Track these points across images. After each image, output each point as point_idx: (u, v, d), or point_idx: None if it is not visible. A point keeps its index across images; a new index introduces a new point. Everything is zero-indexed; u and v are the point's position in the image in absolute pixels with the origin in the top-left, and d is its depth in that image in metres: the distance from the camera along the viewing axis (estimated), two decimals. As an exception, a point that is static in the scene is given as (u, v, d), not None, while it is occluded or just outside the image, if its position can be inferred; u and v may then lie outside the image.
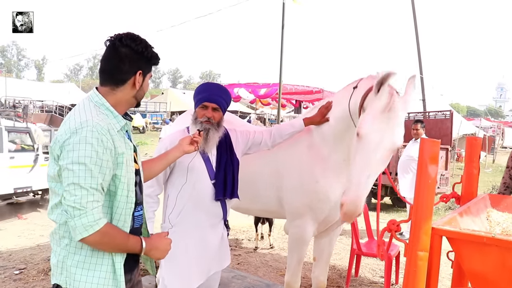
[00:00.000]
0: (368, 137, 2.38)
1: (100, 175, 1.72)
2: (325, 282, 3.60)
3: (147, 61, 1.97)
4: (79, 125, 1.75)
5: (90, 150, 1.71)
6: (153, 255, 1.98)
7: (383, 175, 9.17)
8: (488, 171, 19.47)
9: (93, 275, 1.79)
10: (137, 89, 1.96)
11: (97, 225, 1.69)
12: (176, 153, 2.51)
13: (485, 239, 1.86)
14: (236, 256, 5.93)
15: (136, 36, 1.96)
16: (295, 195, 3.18)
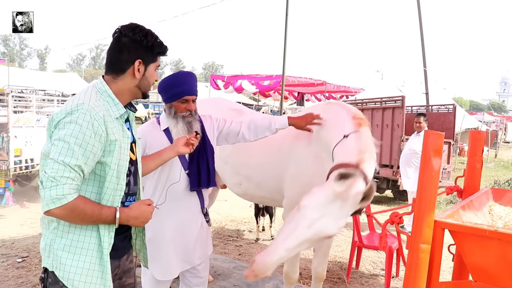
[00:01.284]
0: (307, 213, 2.25)
1: (82, 157, 1.74)
2: (323, 274, 3.62)
3: (147, 50, 1.98)
4: (75, 107, 1.79)
5: (77, 131, 1.74)
6: (132, 224, 1.98)
7: (385, 168, 9.12)
8: (490, 165, 19.43)
9: (79, 259, 1.82)
10: (138, 78, 1.98)
11: (65, 199, 1.70)
12: (170, 154, 2.53)
13: (487, 232, 1.86)
14: (237, 247, 5.96)
15: (136, 25, 1.99)
16: (292, 186, 3.23)
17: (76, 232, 1.84)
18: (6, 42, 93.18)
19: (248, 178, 3.57)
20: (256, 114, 3.88)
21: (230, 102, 4.19)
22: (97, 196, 1.88)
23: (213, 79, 18.40)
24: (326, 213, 2.23)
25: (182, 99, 2.71)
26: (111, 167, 1.86)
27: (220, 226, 6.97)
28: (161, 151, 2.51)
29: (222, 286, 4.35)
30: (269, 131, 3.01)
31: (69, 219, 1.79)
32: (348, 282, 4.80)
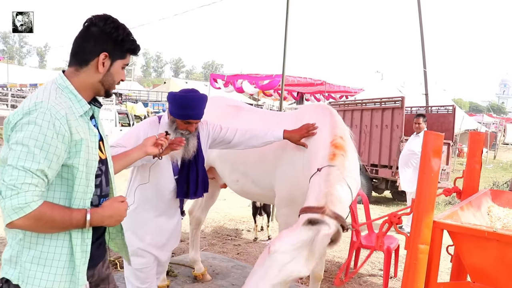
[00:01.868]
0: (277, 257, 2.33)
1: (45, 161, 1.59)
2: (321, 273, 3.62)
3: (115, 44, 1.82)
4: (33, 106, 1.63)
5: (37, 133, 1.58)
6: (107, 224, 1.84)
7: (384, 168, 9.13)
8: (489, 167, 19.46)
9: (50, 271, 1.69)
10: (102, 73, 1.82)
11: (28, 207, 1.54)
12: (138, 154, 2.40)
13: (486, 233, 1.86)
14: (235, 246, 5.96)
15: (109, 17, 1.85)
16: (282, 184, 3.29)
17: (45, 242, 1.69)
18: (6, 40, 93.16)
19: (245, 174, 3.61)
20: (255, 111, 3.90)
21: (230, 100, 4.21)
22: (66, 202, 1.73)
23: (213, 78, 18.40)
24: (296, 256, 2.32)
25: (186, 121, 2.78)
26: (79, 169, 1.71)
27: (219, 225, 6.97)
28: (129, 151, 2.42)
29: (220, 285, 4.34)
30: (263, 143, 3.12)
31: (37, 229, 1.63)
32: (346, 282, 4.80)
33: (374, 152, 9.78)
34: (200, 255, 4.61)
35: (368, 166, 9.92)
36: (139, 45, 1.93)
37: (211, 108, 3.91)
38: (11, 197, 1.53)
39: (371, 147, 9.79)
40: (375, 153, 9.75)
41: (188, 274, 4.50)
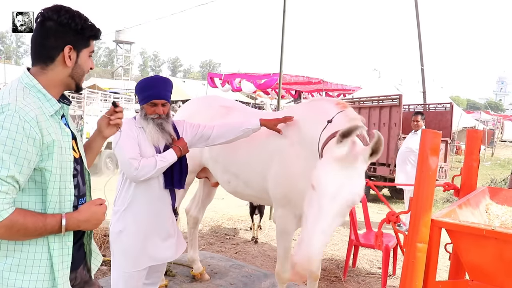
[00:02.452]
0: (323, 188, 2.17)
1: (15, 166, 1.51)
2: (317, 273, 3.61)
3: (76, 34, 1.73)
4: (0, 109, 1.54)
5: (5, 137, 1.50)
6: (84, 228, 1.77)
7: (382, 166, 9.15)
8: (487, 164, 19.49)
9: (30, 278, 1.63)
10: (71, 66, 1.74)
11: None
12: (99, 142, 2.16)
13: (484, 231, 1.86)
14: (234, 246, 5.95)
15: (61, 6, 1.73)
16: (275, 186, 3.22)
17: (23, 249, 1.62)
18: (3, 40, 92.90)
19: (236, 176, 3.57)
20: (246, 111, 3.84)
21: (223, 100, 4.14)
22: (42, 206, 1.66)
23: (210, 77, 18.37)
24: (342, 181, 2.15)
25: (151, 103, 2.78)
26: (52, 172, 1.63)
27: (217, 225, 6.96)
28: (88, 143, 2.19)
29: (219, 285, 4.34)
30: (241, 131, 3.10)
31: (9, 237, 1.57)
32: (344, 281, 4.80)
33: (372, 150, 9.77)
34: (199, 255, 4.60)
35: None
36: (99, 28, 1.84)
37: (202, 108, 3.91)
38: None
39: (369, 145, 9.78)
40: (373, 151, 9.74)
41: (186, 274, 4.50)
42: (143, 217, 2.84)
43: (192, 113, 3.87)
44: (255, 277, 4.57)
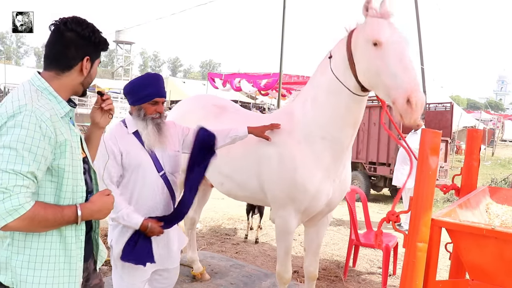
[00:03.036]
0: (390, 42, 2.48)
1: (34, 163, 1.61)
2: (315, 273, 3.58)
3: (95, 47, 1.88)
4: (17, 109, 1.64)
5: (24, 136, 1.60)
6: (97, 217, 1.90)
7: (382, 166, 9.12)
8: (487, 164, 19.50)
9: (41, 274, 1.71)
10: (85, 75, 1.88)
11: (22, 209, 1.57)
12: (96, 133, 2.22)
13: (484, 231, 1.86)
14: (234, 246, 5.95)
15: (83, 20, 1.87)
16: (275, 185, 3.14)
17: (33, 246, 1.71)
18: (3, 40, 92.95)
19: (229, 177, 3.49)
20: (239, 112, 3.76)
21: (217, 99, 4.07)
22: (56, 201, 1.76)
23: (211, 77, 18.38)
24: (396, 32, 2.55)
25: (153, 101, 2.68)
26: (65, 169, 1.74)
27: (217, 225, 6.96)
28: (87, 136, 2.20)
29: (219, 285, 4.34)
30: (229, 138, 3.07)
31: (31, 229, 1.66)
32: (345, 280, 4.80)
33: (372, 150, 9.79)
34: (199, 254, 4.61)
35: (366, 164, 9.93)
36: (108, 42, 1.99)
37: (196, 107, 3.87)
38: (3, 200, 1.55)
39: (369, 145, 9.80)
40: (373, 151, 9.77)
41: (186, 274, 4.49)
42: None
43: (185, 112, 3.83)
44: (256, 277, 4.57)
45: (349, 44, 2.77)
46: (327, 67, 2.96)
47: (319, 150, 3.00)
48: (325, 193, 3.10)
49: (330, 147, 2.99)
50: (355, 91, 2.84)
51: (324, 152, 3.00)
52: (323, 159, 3.01)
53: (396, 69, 2.43)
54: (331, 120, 2.95)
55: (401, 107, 2.37)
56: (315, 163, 3.01)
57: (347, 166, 3.25)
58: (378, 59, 2.51)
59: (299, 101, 3.18)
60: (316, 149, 3.00)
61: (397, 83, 2.41)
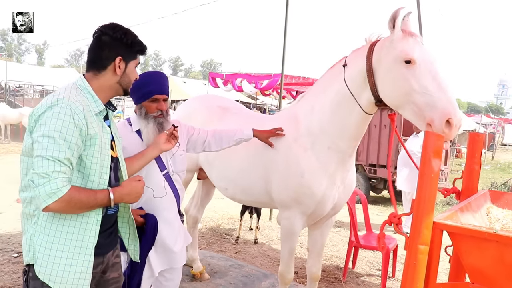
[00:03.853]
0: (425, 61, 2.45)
1: (68, 150, 1.78)
2: (318, 274, 3.60)
3: (127, 47, 2.04)
4: (55, 101, 1.82)
5: (60, 126, 1.77)
6: (127, 201, 2.07)
7: (382, 168, 9.11)
8: (487, 167, 19.49)
9: (61, 255, 1.85)
10: (119, 75, 2.04)
11: (60, 192, 1.73)
12: (153, 152, 2.57)
13: (486, 234, 1.86)
14: (234, 245, 5.96)
15: (116, 25, 2.06)
16: (282, 188, 3.15)
17: (53, 227, 1.86)
18: (4, 37, 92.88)
19: (234, 182, 3.48)
20: (242, 113, 3.76)
21: (221, 99, 4.08)
22: None
23: (212, 77, 18.36)
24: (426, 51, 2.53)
25: (152, 99, 2.66)
26: (92, 161, 1.90)
27: (217, 224, 6.97)
28: (144, 150, 2.53)
29: (218, 284, 4.34)
30: (234, 141, 3.09)
31: (68, 210, 1.82)
32: (344, 282, 4.81)
33: (372, 152, 9.80)
34: (199, 254, 4.61)
35: (366, 166, 9.94)
36: (146, 45, 2.14)
37: (200, 107, 3.88)
38: (44, 185, 1.72)
39: (369, 147, 9.81)
40: (374, 153, 9.77)
41: (186, 273, 4.50)
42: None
43: (190, 112, 3.84)
44: (255, 277, 4.58)
45: (370, 57, 2.70)
46: (339, 75, 2.91)
47: (325, 158, 3.02)
48: (331, 198, 3.12)
49: (335, 156, 3.01)
50: (367, 108, 2.82)
51: (329, 160, 3.02)
52: (329, 167, 3.03)
53: (432, 88, 2.38)
54: (339, 133, 2.95)
55: (439, 128, 2.35)
56: (321, 170, 3.02)
57: (352, 170, 3.26)
58: (411, 78, 2.45)
59: (305, 106, 3.16)
60: (321, 157, 3.02)
61: (434, 103, 2.37)
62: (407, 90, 2.47)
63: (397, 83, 2.52)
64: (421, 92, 2.41)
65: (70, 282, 1.86)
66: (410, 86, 2.45)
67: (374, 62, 2.68)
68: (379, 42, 2.73)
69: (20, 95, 26.41)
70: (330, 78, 3.03)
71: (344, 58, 2.96)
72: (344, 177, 3.16)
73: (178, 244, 2.88)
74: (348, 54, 2.98)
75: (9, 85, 26.43)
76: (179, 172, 2.87)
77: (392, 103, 2.66)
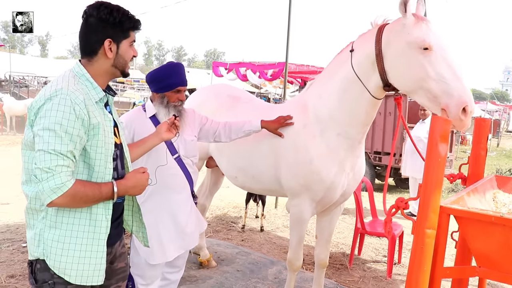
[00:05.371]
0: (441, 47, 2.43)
1: (70, 142, 1.72)
2: (326, 260, 3.62)
3: (115, 27, 1.91)
4: (54, 93, 1.75)
5: (61, 118, 1.71)
6: (132, 193, 2.02)
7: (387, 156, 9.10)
8: (492, 154, 19.44)
9: (70, 248, 1.81)
10: (112, 58, 1.93)
11: (64, 186, 1.68)
12: (154, 141, 2.55)
13: (493, 218, 1.87)
14: (240, 233, 6.00)
15: (101, 3, 1.92)
16: (291, 175, 3.16)
17: (69, 221, 1.82)
18: (7, 29, 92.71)
19: (244, 170, 3.50)
20: (253, 103, 3.78)
21: (231, 89, 4.10)
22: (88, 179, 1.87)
23: (215, 66, 18.32)
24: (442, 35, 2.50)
25: (175, 90, 2.82)
26: (97, 151, 1.84)
27: (223, 213, 7.01)
28: (145, 138, 2.56)
29: (225, 271, 4.39)
30: (242, 132, 3.17)
31: (73, 204, 1.78)
32: (350, 269, 4.84)
33: (377, 139, 9.79)
34: (205, 242, 4.65)
35: (371, 154, 9.93)
36: (138, 19, 2.00)
37: (210, 97, 3.90)
38: (47, 179, 1.67)
39: (374, 135, 9.79)
40: (379, 140, 9.76)
41: (193, 261, 4.55)
42: (161, 214, 2.85)
43: (201, 102, 3.86)
44: (262, 264, 4.62)
45: (379, 41, 2.68)
46: (347, 61, 2.90)
47: (334, 145, 3.02)
48: (341, 184, 3.13)
49: (345, 143, 3.01)
50: (375, 93, 2.82)
51: (338, 147, 3.02)
52: (338, 153, 3.03)
53: (448, 76, 2.39)
54: (348, 119, 2.95)
55: (455, 115, 2.38)
56: (330, 157, 3.02)
57: (361, 157, 3.26)
58: (427, 65, 2.45)
59: (313, 94, 3.16)
60: (331, 143, 3.02)
61: (450, 91, 2.39)
62: (422, 76, 2.47)
63: (411, 69, 2.51)
64: (437, 79, 2.42)
65: (86, 274, 1.84)
66: (426, 72, 2.45)
67: (383, 46, 2.67)
68: (387, 26, 2.71)
69: (24, 87, 26.47)
70: (337, 64, 3.02)
71: (351, 43, 2.95)
72: (354, 164, 3.16)
73: (189, 226, 2.94)
74: (354, 39, 2.97)
75: (13, 77, 26.47)
76: (191, 157, 2.96)
77: (404, 88, 2.66)
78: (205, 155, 3.92)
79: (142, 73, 40.35)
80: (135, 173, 2.02)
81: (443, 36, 2.50)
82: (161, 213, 2.85)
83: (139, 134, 2.75)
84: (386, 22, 2.78)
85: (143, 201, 2.80)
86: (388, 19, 2.78)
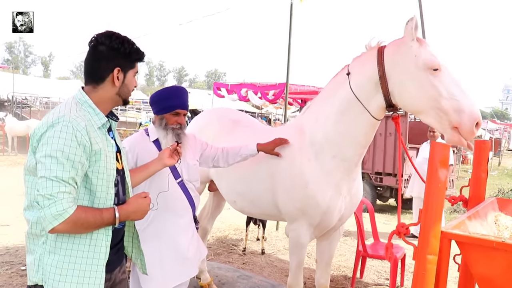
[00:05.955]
0: (447, 68, 2.53)
1: (72, 169, 1.74)
2: (327, 285, 3.58)
3: (125, 57, 1.98)
4: (56, 120, 1.78)
5: (62, 145, 1.73)
6: (133, 218, 2.02)
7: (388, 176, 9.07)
8: (494, 173, 19.38)
9: (67, 273, 1.81)
10: (118, 86, 1.98)
11: (66, 213, 1.70)
12: (157, 166, 2.56)
13: (494, 243, 1.85)
14: (241, 256, 5.94)
15: (113, 33, 1.98)
16: (287, 199, 3.15)
17: (68, 247, 1.82)
18: (11, 50, 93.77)
19: (242, 195, 3.50)
20: (253, 126, 3.80)
21: (232, 112, 4.14)
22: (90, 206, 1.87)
23: (216, 87, 18.43)
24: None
25: (174, 112, 2.81)
26: (98, 177, 1.86)
27: (224, 235, 6.96)
28: (148, 163, 2.56)
29: (226, 295, 4.33)
30: (239, 157, 3.18)
31: (75, 230, 1.78)
32: (352, 292, 4.78)
33: (378, 160, 9.78)
34: (206, 265, 4.61)
35: (372, 174, 9.91)
36: (144, 52, 2.07)
37: (212, 120, 3.92)
38: (49, 206, 1.69)
39: (375, 155, 9.79)
40: (379, 161, 9.76)
41: (194, 284, 4.50)
42: (165, 231, 2.82)
43: (204, 125, 3.89)
44: None
45: (382, 63, 2.72)
46: (344, 84, 2.92)
47: (330, 167, 3.01)
48: (337, 209, 3.11)
49: (341, 165, 3.00)
50: (376, 114, 2.84)
51: (334, 170, 3.01)
52: (334, 176, 3.02)
53: (458, 93, 2.48)
54: (344, 141, 2.95)
55: (469, 130, 2.45)
56: (325, 180, 3.02)
57: (358, 180, 3.25)
58: (438, 85, 2.51)
59: (310, 117, 3.18)
60: (326, 166, 3.02)
61: (461, 107, 2.45)
62: (435, 96, 2.52)
63: (423, 90, 2.56)
64: (448, 97, 2.49)
65: None
66: (438, 92, 2.51)
67: (387, 67, 2.70)
68: (388, 48, 2.76)
69: (26, 107, 26.63)
70: (334, 87, 3.04)
71: (346, 66, 2.98)
72: (351, 187, 3.15)
73: (190, 251, 2.91)
74: (349, 63, 3.00)
75: (16, 98, 26.64)
76: (193, 181, 2.96)
77: (413, 108, 2.69)
78: (206, 178, 3.92)
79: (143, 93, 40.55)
80: (136, 198, 2.03)
81: (444, 57, 2.61)
82: (163, 238, 2.82)
83: (142, 158, 2.74)
84: (381, 44, 2.82)
85: (146, 226, 2.79)
86: (382, 41, 2.82)
